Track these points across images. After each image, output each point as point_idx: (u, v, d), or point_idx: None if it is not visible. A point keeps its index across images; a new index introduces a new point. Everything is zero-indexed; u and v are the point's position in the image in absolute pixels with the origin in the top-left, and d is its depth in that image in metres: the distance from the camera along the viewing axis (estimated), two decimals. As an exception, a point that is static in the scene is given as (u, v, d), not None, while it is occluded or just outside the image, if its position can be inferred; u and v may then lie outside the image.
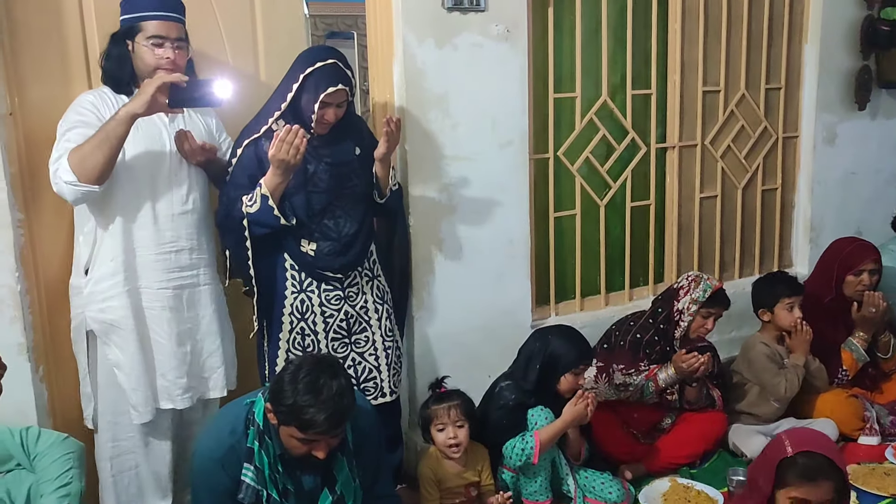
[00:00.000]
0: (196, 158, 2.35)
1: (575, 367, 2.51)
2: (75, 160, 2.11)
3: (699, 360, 2.67)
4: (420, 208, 2.78)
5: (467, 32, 2.76)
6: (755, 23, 3.53)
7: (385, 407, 2.60)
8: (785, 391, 2.95)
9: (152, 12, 2.23)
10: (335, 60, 2.34)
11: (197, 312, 2.41)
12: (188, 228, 2.36)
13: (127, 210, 2.27)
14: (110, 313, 2.28)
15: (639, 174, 3.39)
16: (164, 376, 2.36)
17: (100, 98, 2.26)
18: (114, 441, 2.37)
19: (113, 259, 2.26)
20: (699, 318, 2.82)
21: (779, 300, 3.04)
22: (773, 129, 3.69)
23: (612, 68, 3.21)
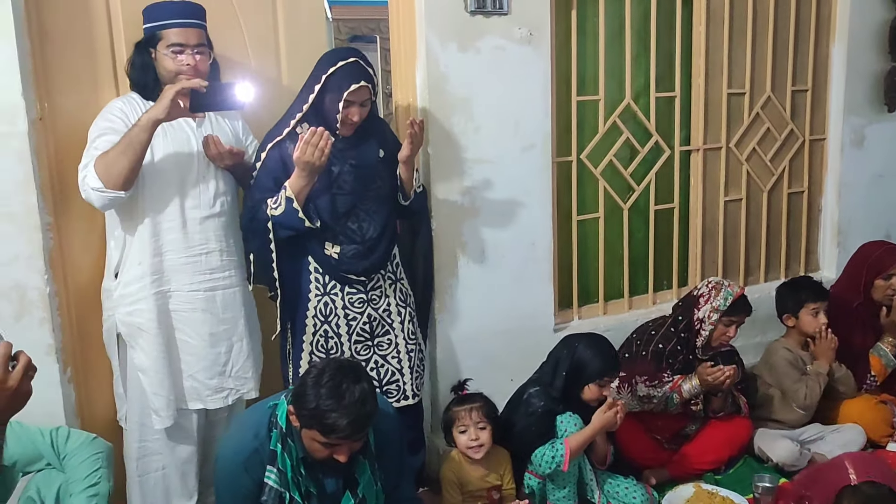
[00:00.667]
0: (224, 162, 2.37)
1: (599, 378, 2.48)
2: (101, 167, 2.15)
3: (725, 374, 2.65)
4: (443, 211, 2.78)
5: (490, 36, 2.76)
6: (781, 24, 3.50)
7: (407, 410, 2.60)
8: (805, 398, 2.91)
9: (172, 20, 2.27)
10: (356, 59, 2.36)
11: (235, 313, 2.44)
12: (217, 231, 2.38)
13: (155, 214, 2.30)
14: (137, 316, 2.31)
15: (662, 177, 3.36)
16: (194, 377, 2.38)
17: (129, 104, 2.30)
18: (140, 442, 2.40)
19: (140, 263, 2.29)
20: (721, 326, 2.78)
21: (803, 305, 3.00)
22: (799, 131, 3.64)
23: (635, 71, 3.20)
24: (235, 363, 2.44)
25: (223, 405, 2.44)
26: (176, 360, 2.37)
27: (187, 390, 2.39)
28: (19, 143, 2.19)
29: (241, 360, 2.45)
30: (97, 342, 2.44)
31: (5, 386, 1.56)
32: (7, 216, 2.22)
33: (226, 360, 2.42)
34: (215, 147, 2.33)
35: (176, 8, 2.30)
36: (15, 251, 2.24)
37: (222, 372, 2.42)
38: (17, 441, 1.86)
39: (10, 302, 2.26)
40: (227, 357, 2.42)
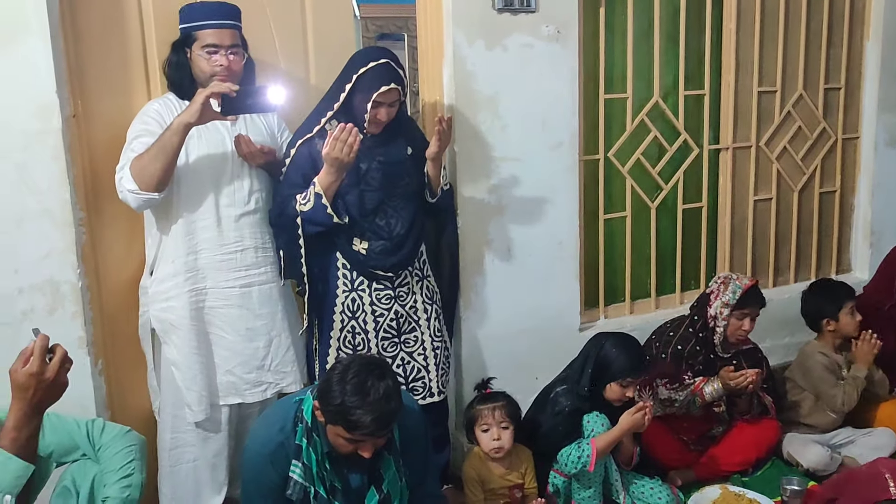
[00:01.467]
0: (255, 161, 2.40)
1: (622, 378, 2.46)
2: (136, 169, 2.20)
3: (747, 378, 2.61)
4: (469, 209, 2.78)
5: (517, 33, 2.75)
6: (814, 21, 3.45)
7: (433, 407, 2.61)
8: (842, 404, 2.87)
9: (206, 21, 2.29)
10: (387, 60, 2.37)
11: (272, 308, 2.46)
12: (252, 228, 2.41)
13: (190, 213, 2.34)
14: (171, 313, 2.35)
15: (691, 176, 3.33)
16: (232, 372, 2.42)
17: (165, 106, 2.33)
18: (173, 433, 2.44)
19: (174, 261, 2.34)
20: (734, 320, 2.75)
21: (842, 307, 2.95)
22: (832, 130, 3.59)
23: (664, 69, 3.17)
24: (275, 357, 2.47)
25: (262, 399, 2.47)
26: (210, 355, 2.41)
27: (223, 385, 2.43)
28: (54, 140, 2.23)
29: (281, 354, 2.48)
30: (127, 336, 2.49)
31: (42, 377, 1.60)
32: (42, 212, 2.25)
33: (265, 354, 2.45)
34: (246, 146, 2.36)
35: (211, 9, 2.32)
36: (49, 246, 2.28)
37: (261, 366, 2.45)
38: (54, 431, 1.90)
39: (44, 295, 2.30)
40: (265, 351, 2.45)
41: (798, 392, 3.00)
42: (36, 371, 1.59)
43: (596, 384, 2.49)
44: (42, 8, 2.18)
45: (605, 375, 2.48)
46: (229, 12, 2.34)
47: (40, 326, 1.69)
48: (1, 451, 1.61)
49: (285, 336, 2.49)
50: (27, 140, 2.21)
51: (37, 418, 1.65)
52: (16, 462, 1.61)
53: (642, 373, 2.52)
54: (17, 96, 2.19)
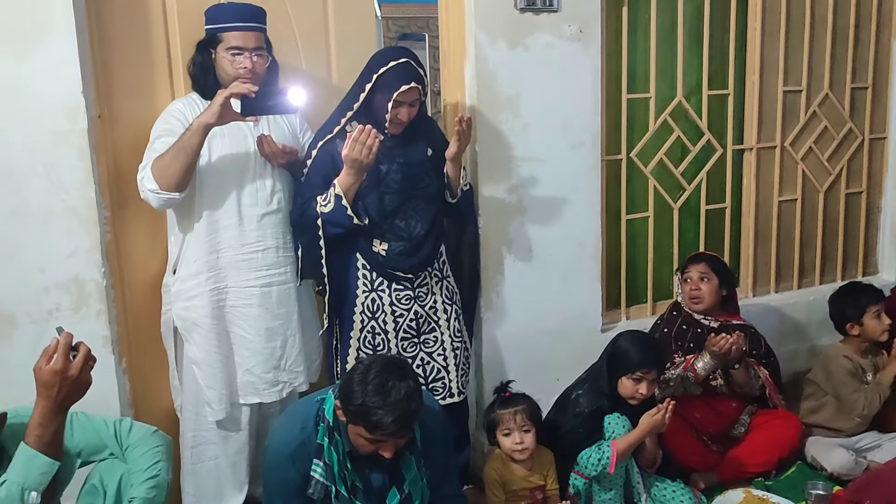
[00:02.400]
0: (277, 161, 2.40)
1: (632, 371, 2.43)
2: (157, 169, 2.22)
3: (727, 340, 2.59)
4: (490, 209, 2.78)
5: (539, 33, 2.74)
6: (840, 19, 3.41)
7: (453, 407, 2.60)
8: (863, 408, 2.83)
9: (231, 23, 2.31)
10: (408, 59, 2.36)
11: (289, 309, 2.47)
12: (274, 228, 2.42)
13: (212, 212, 2.35)
14: (193, 311, 2.37)
15: (714, 176, 3.31)
16: (251, 371, 2.44)
17: (188, 105, 2.35)
18: (195, 431, 2.46)
19: (196, 260, 2.35)
20: (684, 285, 2.86)
21: (866, 310, 2.91)
22: (858, 130, 3.54)
23: (687, 68, 3.15)
24: (289, 357, 2.48)
25: (278, 398, 2.49)
26: (231, 354, 2.43)
27: (243, 384, 2.44)
28: (80, 140, 2.26)
29: (294, 353, 2.49)
30: (151, 334, 2.51)
31: (66, 375, 1.62)
32: (67, 210, 2.28)
33: (280, 353, 2.46)
34: (269, 146, 2.37)
35: (236, 11, 2.34)
36: (74, 245, 2.31)
37: (277, 366, 2.46)
38: (82, 430, 1.91)
39: (69, 294, 2.33)
40: (281, 351, 2.47)
41: (821, 395, 2.95)
42: (60, 368, 1.61)
43: (612, 381, 2.47)
44: (68, 10, 2.21)
45: (618, 370, 2.46)
46: (255, 14, 2.35)
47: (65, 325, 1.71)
48: (27, 448, 1.64)
49: (299, 336, 2.50)
50: (54, 140, 2.25)
51: (61, 415, 1.67)
52: (41, 459, 1.63)
53: (655, 367, 2.47)
54: (44, 97, 2.22)
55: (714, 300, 2.84)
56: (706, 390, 2.76)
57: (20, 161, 2.23)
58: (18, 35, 2.18)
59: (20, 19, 2.18)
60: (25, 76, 2.20)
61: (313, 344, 2.60)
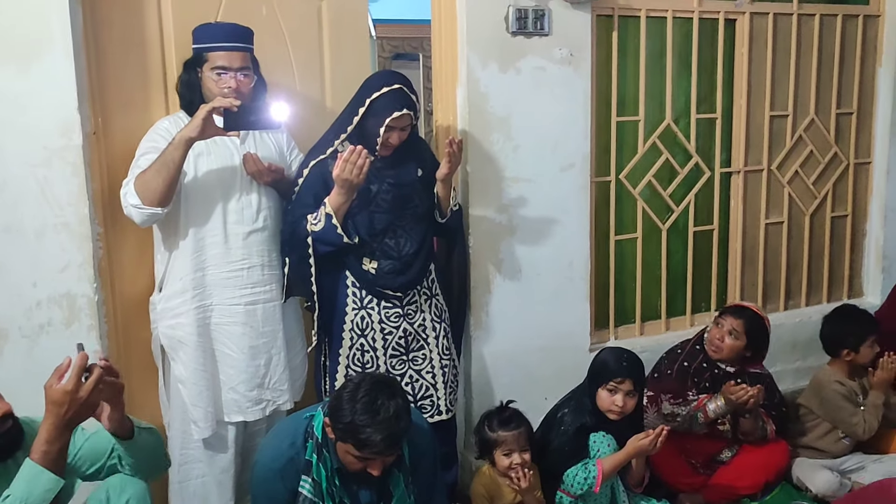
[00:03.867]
0: (263, 179, 2.42)
1: (606, 381, 2.43)
2: (139, 184, 2.22)
3: (748, 393, 2.61)
4: (480, 228, 2.81)
5: (531, 56, 2.79)
6: (826, 47, 3.47)
7: (441, 425, 2.61)
8: (863, 432, 2.86)
9: (217, 43, 2.33)
10: (401, 86, 2.40)
11: (274, 327, 2.48)
12: (259, 246, 2.44)
13: (198, 230, 2.36)
14: (179, 329, 2.37)
15: (702, 198, 3.35)
16: (235, 389, 2.44)
17: (174, 123, 2.35)
18: (182, 449, 2.46)
19: (181, 278, 2.36)
20: (714, 327, 2.81)
21: (865, 339, 2.92)
22: (843, 154, 3.60)
23: (676, 92, 3.20)
24: (273, 375, 2.49)
25: (262, 416, 2.49)
26: (216, 372, 2.43)
27: (228, 402, 2.44)
28: (74, 156, 2.28)
29: (279, 372, 2.50)
30: (141, 349, 2.52)
31: (76, 396, 1.62)
32: (61, 226, 2.30)
33: (265, 372, 2.47)
34: (254, 164, 2.38)
35: (222, 31, 2.36)
36: (67, 259, 2.32)
37: (261, 384, 2.47)
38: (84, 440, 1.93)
39: (61, 308, 2.34)
40: (265, 369, 2.47)
41: (812, 418, 2.97)
42: (71, 389, 1.61)
43: (593, 396, 2.48)
44: (66, 26, 2.24)
45: (595, 382, 2.48)
46: (240, 34, 2.37)
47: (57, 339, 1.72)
48: (33, 465, 1.63)
49: (284, 354, 2.51)
50: (49, 156, 2.27)
51: (67, 433, 1.67)
52: (47, 475, 1.63)
53: (629, 378, 2.45)
54: (40, 113, 2.25)
55: (733, 356, 2.80)
56: (710, 432, 2.77)
57: (15, 176, 2.25)
58: (17, 51, 2.21)
59: (19, 36, 2.21)
60: (22, 92, 2.22)
61: (297, 362, 2.60)
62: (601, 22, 2.98)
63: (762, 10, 3.29)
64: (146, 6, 2.48)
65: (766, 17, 3.30)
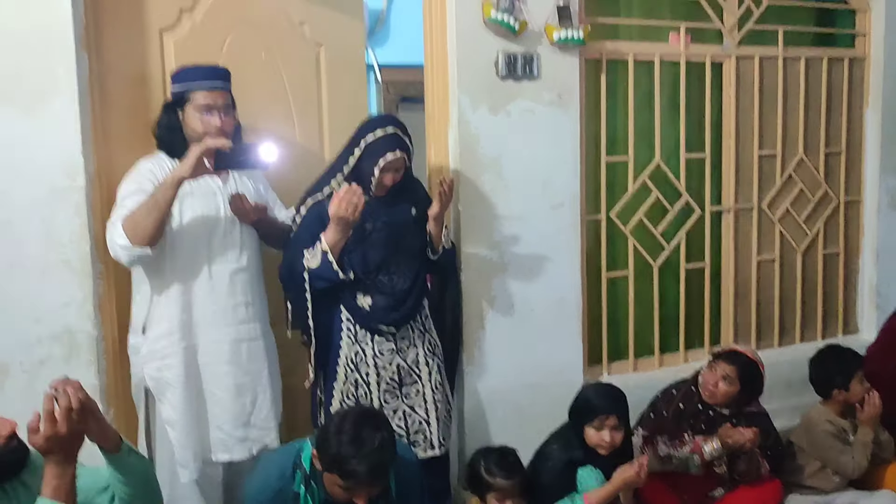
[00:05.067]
0: (249, 218, 2.46)
1: (591, 419, 2.46)
2: (128, 225, 2.22)
3: (744, 436, 2.63)
4: (472, 265, 2.87)
5: (521, 99, 2.88)
6: (812, 90, 3.55)
7: (434, 460, 2.64)
8: (853, 470, 2.85)
9: (201, 81, 2.38)
10: (395, 129, 2.49)
11: (258, 365, 2.50)
12: (243, 285, 2.47)
13: (184, 270, 2.37)
14: (166, 371, 2.37)
15: (693, 236, 3.41)
16: (221, 428, 2.44)
17: (157, 164, 2.38)
18: (171, 490, 2.42)
19: (168, 319, 2.36)
20: (706, 371, 2.80)
21: (853, 376, 2.91)
22: (833, 193, 3.66)
23: (665, 132, 3.27)
24: (259, 413, 2.50)
25: (248, 456, 2.48)
26: (204, 412, 2.43)
27: (214, 442, 2.44)
28: (77, 196, 2.37)
29: (265, 410, 2.51)
30: (137, 385, 2.56)
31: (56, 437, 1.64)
32: (63, 263, 2.38)
33: (250, 410, 2.48)
34: (242, 203, 2.42)
35: (205, 71, 2.41)
36: (68, 296, 2.40)
37: (246, 422, 2.47)
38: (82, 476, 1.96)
39: (62, 344, 2.41)
40: (251, 408, 2.48)
41: (804, 456, 2.97)
42: (49, 435, 1.63)
43: (579, 432, 2.51)
44: (72, 72, 2.35)
45: (581, 420, 2.50)
46: (222, 74, 2.43)
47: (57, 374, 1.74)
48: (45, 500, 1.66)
49: (269, 392, 2.52)
50: (53, 196, 2.36)
51: (69, 466, 1.68)
52: None
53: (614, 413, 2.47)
54: (46, 154, 2.35)
55: (727, 401, 2.79)
56: (706, 473, 2.76)
57: (20, 215, 2.34)
58: (24, 95, 2.32)
59: (27, 81, 2.32)
60: (29, 135, 2.33)
61: (279, 401, 2.60)
62: (590, 65, 3.08)
63: (748, 53, 3.39)
64: (150, 52, 2.60)
65: (752, 60, 3.40)
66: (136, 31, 2.59)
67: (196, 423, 2.41)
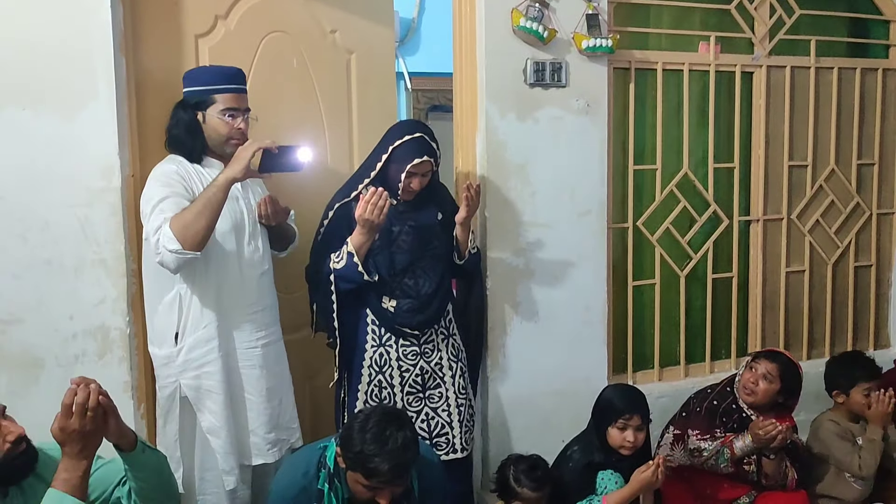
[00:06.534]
0: (279, 219, 2.48)
1: (615, 420, 2.47)
2: (178, 228, 2.16)
3: (777, 428, 2.61)
4: (498, 271, 2.89)
5: (549, 106, 2.90)
6: (845, 100, 3.52)
7: (457, 464, 2.66)
8: (860, 468, 2.82)
9: (226, 85, 2.37)
10: (422, 134, 2.52)
11: (282, 367, 2.53)
12: (269, 287, 2.50)
13: (217, 275, 2.36)
14: (207, 379, 2.35)
15: (721, 246, 3.39)
16: (255, 433, 2.44)
17: (182, 167, 2.34)
18: (200, 494, 2.44)
19: (206, 325, 2.34)
20: (746, 371, 2.79)
21: (855, 384, 2.90)
22: (866, 205, 3.61)
23: (693, 142, 3.27)
24: (284, 414, 2.52)
25: (279, 457, 2.49)
26: (243, 418, 2.43)
27: (251, 446, 2.45)
28: (113, 197, 2.44)
29: (289, 410, 2.54)
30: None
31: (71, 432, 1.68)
32: (98, 262, 2.45)
33: (278, 412, 2.50)
34: (272, 206, 2.44)
35: (229, 73, 2.40)
36: (103, 294, 2.46)
37: (277, 425, 2.49)
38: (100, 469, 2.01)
39: (96, 341, 2.47)
40: (280, 409, 2.50)
41: (819, 464, 2.95)
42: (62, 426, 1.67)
43: (601, 434, 2.51)
44: (111, 77, 2.41)
45: (604, 422, 2.51)
46: (243, 77, 2.43)
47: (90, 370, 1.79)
48: (55, 492, 1.70)
49: (290, 393, 2.55)
50: (90, 196, 2.43)
51: (83, 462, 1.72)
52: (69, 500, 1.71)
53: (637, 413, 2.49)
54: (84, 156, 2.41)
55: (767, 401, 2.78)
56: (736, 472, 2.75)
57: (58, 215, 2.41)
58: (64, 99, 2.39)
59: (67, 85, 2.39)
60: (68, 137, 2.40)
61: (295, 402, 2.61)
62: (618, 74, 3.09)
63: (779, 63, 3.37)
64: (185, 57, 2.66)
65: (784, 70, 3.38)
66: (172, 37, 2.65)
67: (238, 429, 2.41)
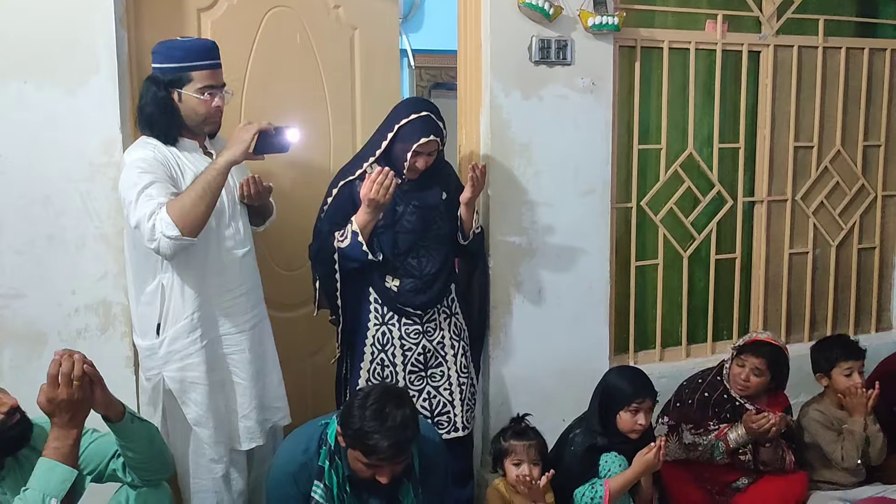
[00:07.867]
0: (263, 198, 2.39)
1: (628, 404, 2.48)
2: (177, 214, 2.06)
3: (769, 421, 2.61)
4: (501, 250, 2.88)
5: (553, 84, 2.87)
6: (852, 80, 3.49)
7: (458, 442, 2.67)
8: (842, 459, 2.82)
9: (205, 61, 2.22)
10: (428, 113, 2.50)
11: (264, 348, 2.45)
12: (251, 268, 2.41)
13: (196, 261, 2.24)
14: (190, 371, 2.27)
15: (725, 227, 3.38)
16: (248, 417, 2.38)
17: (158, 152, 2.21)
18: (194, 478, 2.38)
19: (187, 316, 2.24)
20: (734, 366, 2.77)
21: (835, 364, 2.89)
22: (871, 186, 3.60)
23: (699, 121, 3.25)
24: (269, 393, 2.45)
25: (264, 441, 2.44)
26: (232, 403, 2.37)
27: (242, 431, 2.38)
28: (114, 172, 2.40)
29: (273, 388, 2.47)
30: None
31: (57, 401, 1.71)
32: (100, 237, 2.44)
33: (264, 393, 2.43)
34: (257, 185, 2.33)
35: (204, 48, 2.25)
36: (104, 269, 2.46)
37: (265, 406, 2.43)
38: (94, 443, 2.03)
39: (97, 316, 2.47)
40: (265, 390, 2.44)
41: (807, 451, 2.95)
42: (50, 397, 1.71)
43: (608, 417, 2.52)
44: (112, 52, 2.40)
45: (614, 405, 2.51)
46: (218, 51, 2.28)
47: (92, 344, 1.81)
48: (46, 460, 1.74)
49: (276, 371, 2.48)
50: (92, 171, 2.42)
51: (72, 431, 1.75)
52: (61, 468, 1.74)
53: (649, 396, 2.51)
54: (85, 132, 2.40)
55: (760, 391, 2.79)
56: (731, 461, 2.76)
57: (59, 190, 2.40)
58: (66, 74, 2.37)
59: (67, 59, 2.37)
60: (70, 112, 2.38)
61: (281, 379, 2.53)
62: (623, 53, 3.06)
63: (787, 42, 3.34)
64: (187, 31, 2.64)
65: (791, 49, 3.35)
66: (174, 11, 2.63)
67: (223, 418, 2.35)
